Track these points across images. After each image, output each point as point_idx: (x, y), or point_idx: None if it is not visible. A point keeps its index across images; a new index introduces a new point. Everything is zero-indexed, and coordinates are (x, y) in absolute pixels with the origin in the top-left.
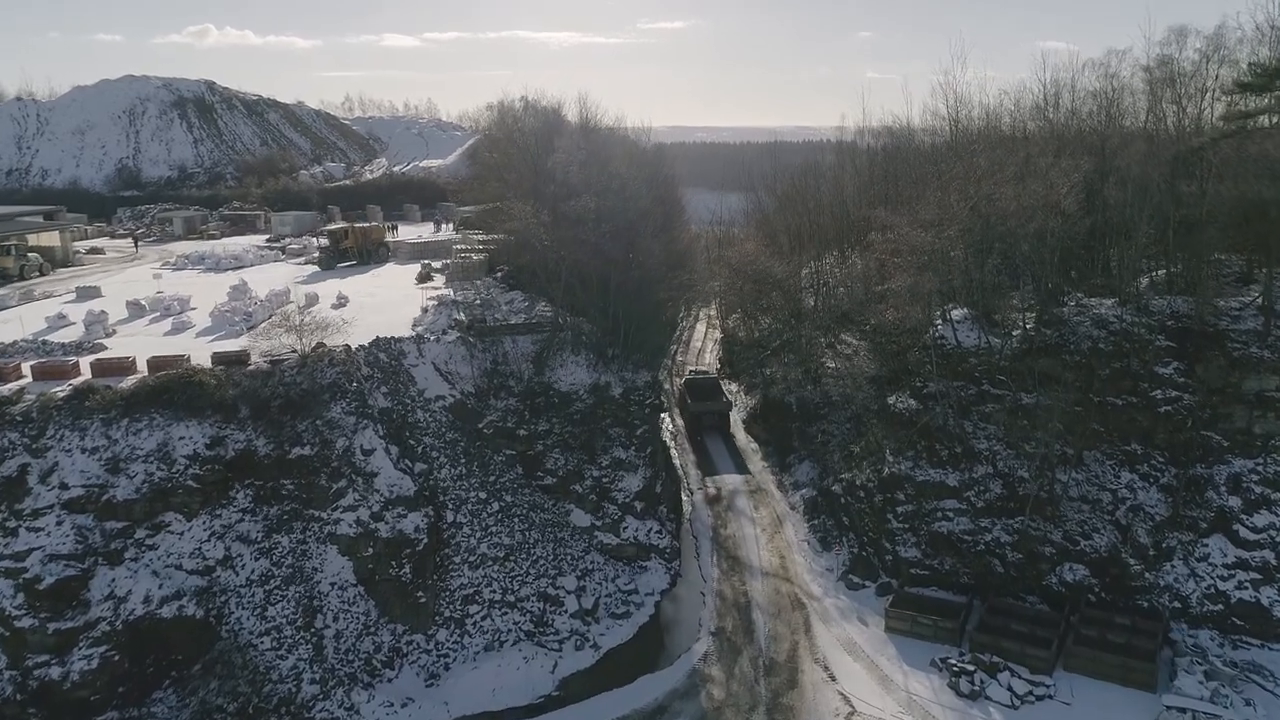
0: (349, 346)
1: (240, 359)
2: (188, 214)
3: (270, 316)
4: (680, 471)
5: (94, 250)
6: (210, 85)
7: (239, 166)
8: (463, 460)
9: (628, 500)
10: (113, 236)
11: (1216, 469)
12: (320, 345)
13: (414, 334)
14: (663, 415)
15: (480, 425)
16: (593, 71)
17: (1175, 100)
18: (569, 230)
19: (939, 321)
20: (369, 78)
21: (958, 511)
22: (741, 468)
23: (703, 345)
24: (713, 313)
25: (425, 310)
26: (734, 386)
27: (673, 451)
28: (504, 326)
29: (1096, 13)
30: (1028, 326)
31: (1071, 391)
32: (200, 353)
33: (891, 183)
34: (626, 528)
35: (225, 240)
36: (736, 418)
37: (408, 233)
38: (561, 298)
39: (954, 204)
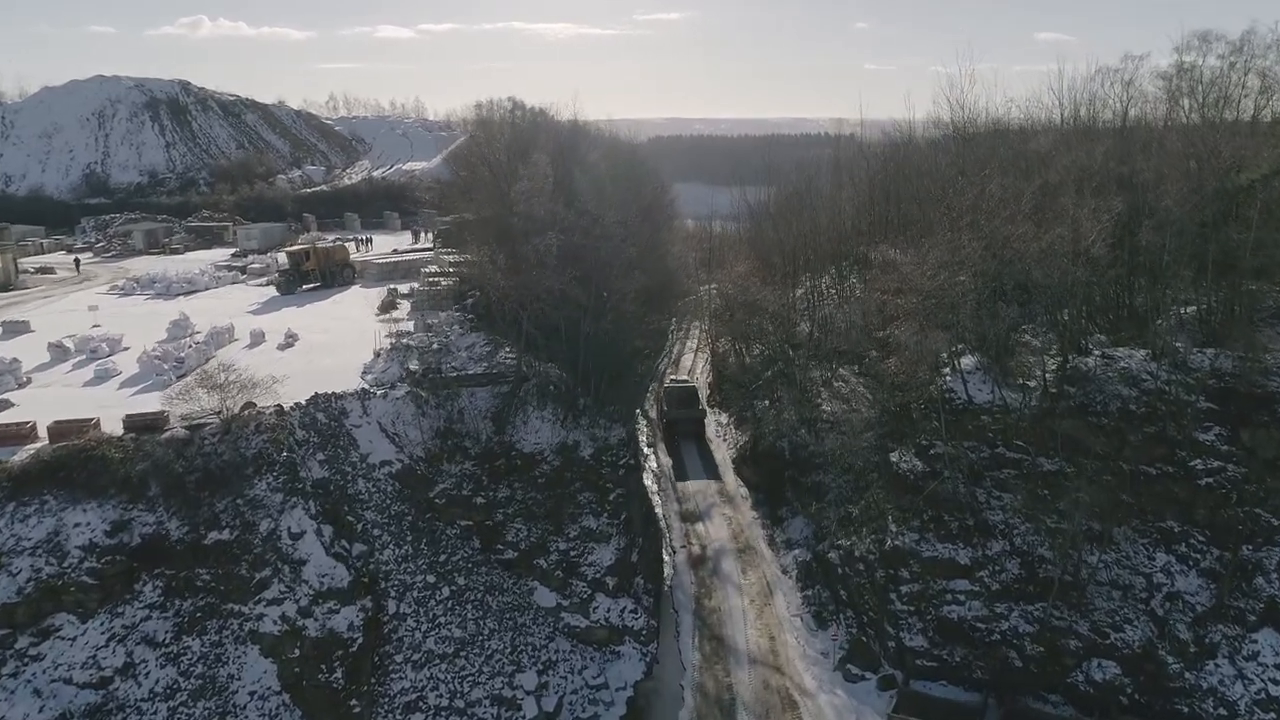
0: (281, 407)
1: (154, 424)
2: (150, 226)
3: (207, 361)
4: (663, 524)
5: (44, 270)
6: (185, 85)
7: (213, 171)
8: (409, 537)
9: (598, 576)
10: (69, 250)
11: (1267, 552)
12: (249, 405)
13: (360, 388)
14: (647, 454)
15: (431, 494)
16: (589, 63)
17: (1198, 109)
18: (531, 274)
19: (947, 372)
20: (363, 70)
21: (970, 594)
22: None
23: (693, 363)
24: (706, 325)
25: (379, 354)
26: (724, 418)
27: (655, 500)
28: (461, 378)
29: (1097, 9)
30: (1047, 377)
31: (1099, 459)
32: (117, 411)
33: (894, 203)
34: (597, 607)
35: (188, 255)
36: (727, 457)
37: (386, 243)
38: (523, 347)
39: (966, 244)
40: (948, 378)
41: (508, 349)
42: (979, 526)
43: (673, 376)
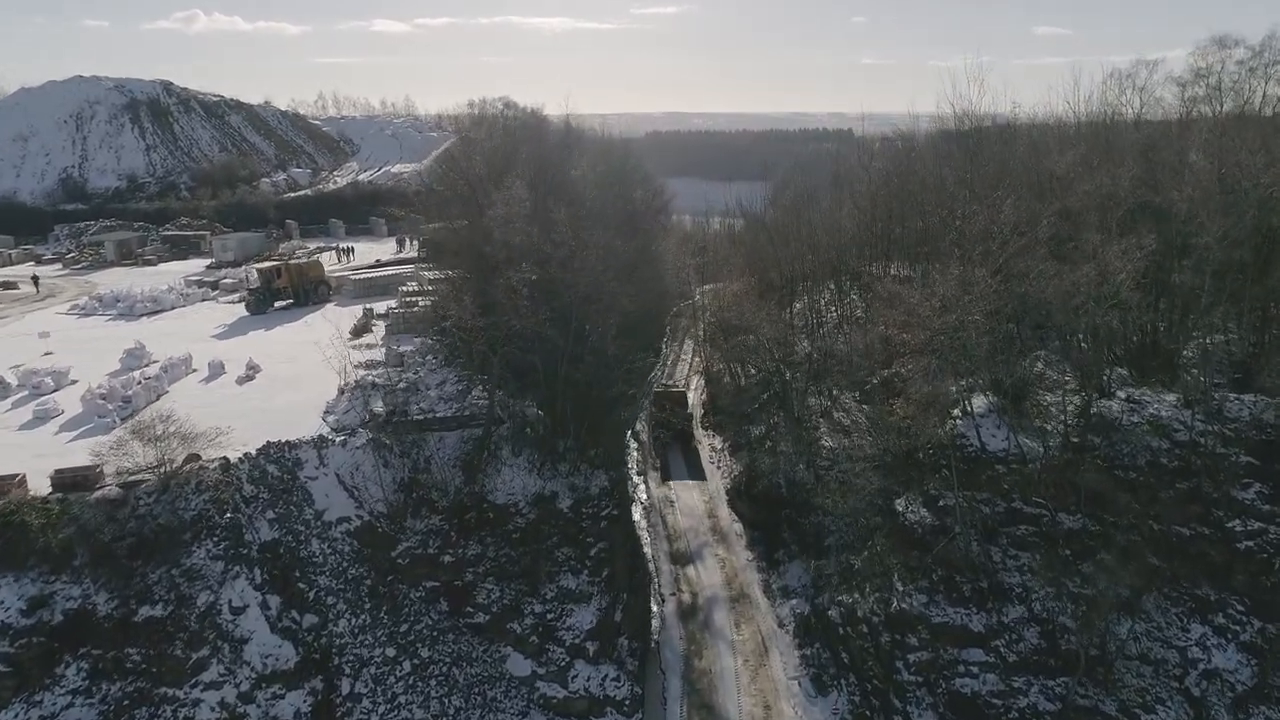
0: (227, 460)
1: (85, 481)
2: (123, 236)
3: (158, 398)
4: (652, 567)
5: (6, 285)
6: (166, 86)
7: (194, 175)
8: (367, 605)
9: (578, 640)
10: (39, 261)
11: None
12: (193, 458)
13: (317, 435)
14: (636, 482)
15: (394, 554)
16: (586, 57)
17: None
18: (503, 313)
19: (957, 413)
20: (359, 65)
21: (984, 666)
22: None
23: (687, 379)
24: (701, 337)
25: (343, 391)
26: (718, 441)
27: (644, 536)
28: (429, 421)
29: (1095, 5)
30: (1068, 423)
31: (1126, 517)
32: (51, 460)
33: (897, 220)
34: (576, 675)
35: (161, 267)
36: (721, 488)
37: (371, 251)
38: (495, 387)
39: (979, 279)
40: (958, 421)
41: (480, 387)
42: (994, 589)
43: (665, 381)
